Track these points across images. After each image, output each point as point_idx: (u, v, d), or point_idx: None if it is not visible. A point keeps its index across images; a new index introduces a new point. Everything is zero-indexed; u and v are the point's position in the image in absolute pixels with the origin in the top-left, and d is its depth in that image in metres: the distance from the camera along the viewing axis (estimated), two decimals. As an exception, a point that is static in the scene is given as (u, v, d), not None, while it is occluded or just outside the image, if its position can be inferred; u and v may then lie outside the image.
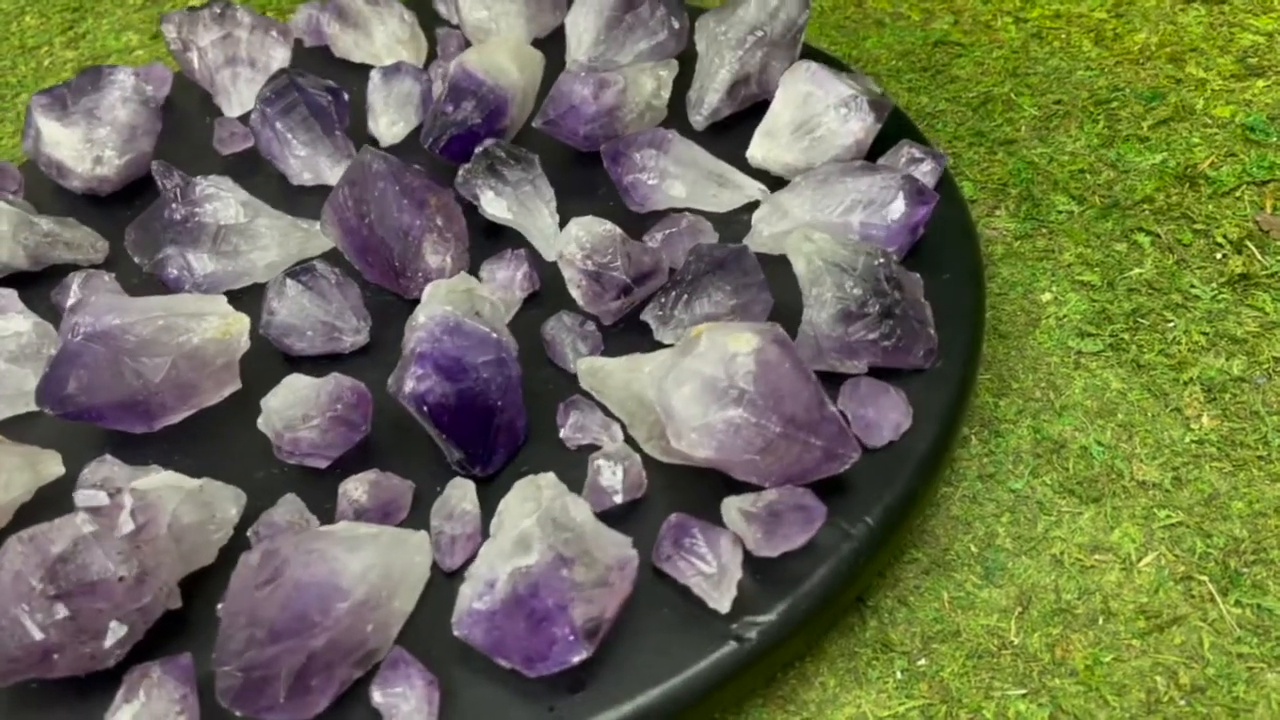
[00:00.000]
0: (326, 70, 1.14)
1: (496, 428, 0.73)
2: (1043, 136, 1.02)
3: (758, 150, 0.92)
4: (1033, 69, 1.10)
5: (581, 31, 1.00)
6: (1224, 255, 0.89)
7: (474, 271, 0.87)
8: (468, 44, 1.11)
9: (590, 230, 0.80)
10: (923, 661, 0.70)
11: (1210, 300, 0.87)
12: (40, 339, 0.85)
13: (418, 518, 0.74)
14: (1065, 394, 0.83)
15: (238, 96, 1.10)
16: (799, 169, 0.90)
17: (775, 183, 0.91)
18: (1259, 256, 0.88)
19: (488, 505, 0.72)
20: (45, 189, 1.06)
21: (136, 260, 0.91)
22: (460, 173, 0.89)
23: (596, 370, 0.77)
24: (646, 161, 0.88)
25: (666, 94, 0.95)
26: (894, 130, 0.93)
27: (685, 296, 0.79)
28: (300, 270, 0.83)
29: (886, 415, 0.72)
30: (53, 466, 0.78)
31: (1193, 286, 0.88)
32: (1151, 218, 0.93)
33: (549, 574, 0.60)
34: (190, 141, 1.09)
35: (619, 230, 0.80)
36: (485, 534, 0.71)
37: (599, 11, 0.99)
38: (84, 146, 1.00)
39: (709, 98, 0.96)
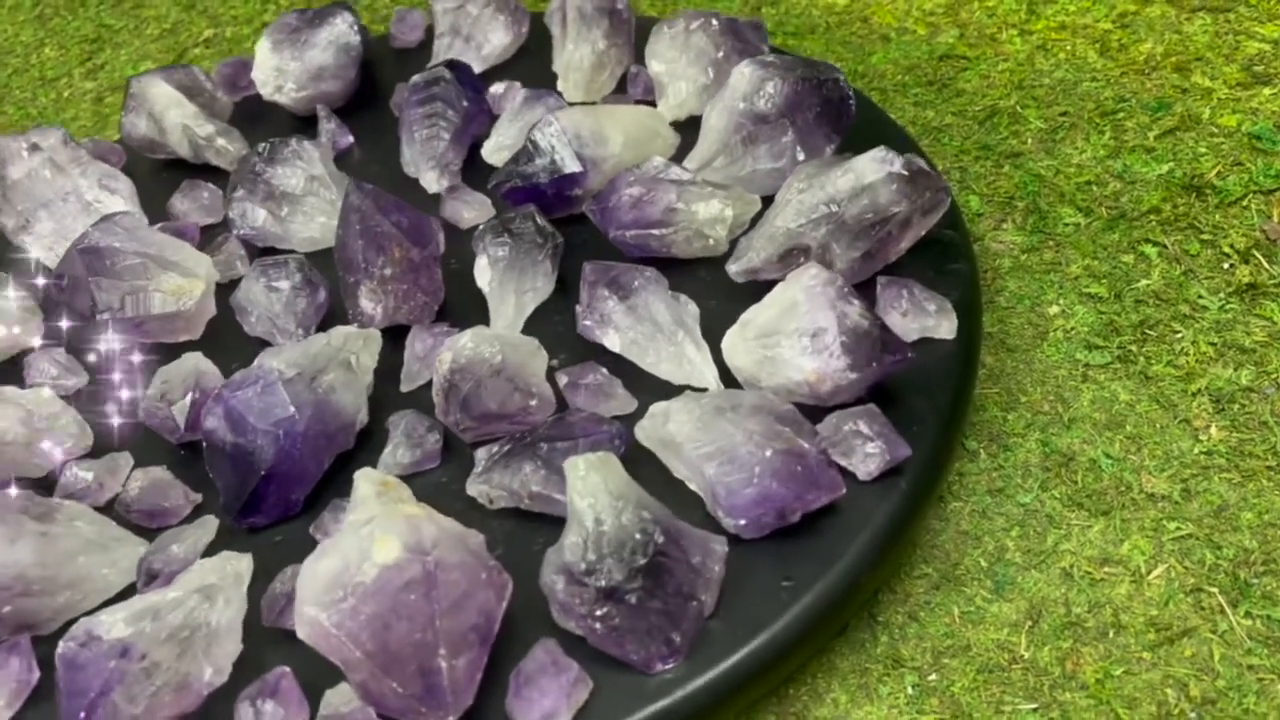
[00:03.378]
0: (541, 69, 1.09)
1: (258, 491, 0.74)
2: (1049, 149, 1.03)
3: (728, 337, 0.77)
4: (1038, 81, 1.10)
5: (710, 128, 0.91)
6: (1231, 265, 0.89)
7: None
8: (651, 91, 1.04)
9: (475, 347, 0.74)
10: (933, 676, 0.71)
11: (1218, 310, 0.87)
12: None
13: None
14: (1073, 407, 0.83)
15: None
16: (746, 379, 0.76)
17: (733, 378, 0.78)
18: (1266, 266, 0.88)
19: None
20: None
21: (227, 189, 0.96)
22: (479, 227, 0.88)
23: (361, 485, 0.68)
24: (596, 301, 0.80)
25: (723, 231, 0.86)
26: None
27: (507, 457, 0.72)
28: (273, 262, 0.87)
29: (543, 698, 0.62)
30: (32, 336, 0.93)
31: (1200, 297, 0.88)
32: (1158, 228, 0.93)
33: (103, 659, 0.61)
34: (388, 93, 1.11)
35: (502, 361, 0.74)
36: None
37: (731, 112, 0.89)
38: (273, 74, 1.07)
39: (751, 254, 0.83)
